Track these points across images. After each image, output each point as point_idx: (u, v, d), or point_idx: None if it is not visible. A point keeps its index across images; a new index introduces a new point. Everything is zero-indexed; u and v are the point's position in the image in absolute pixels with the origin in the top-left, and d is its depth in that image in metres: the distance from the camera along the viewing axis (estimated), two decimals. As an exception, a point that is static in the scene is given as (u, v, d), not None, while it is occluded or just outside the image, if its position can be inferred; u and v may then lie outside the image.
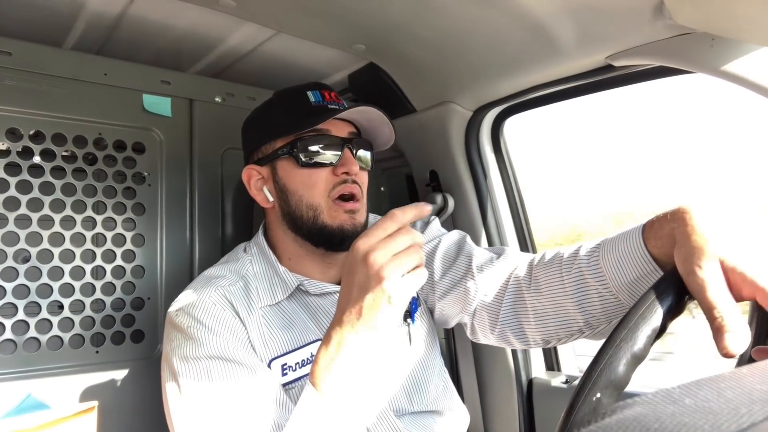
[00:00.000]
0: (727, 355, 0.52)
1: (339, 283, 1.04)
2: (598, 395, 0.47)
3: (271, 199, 1.02)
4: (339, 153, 0.97)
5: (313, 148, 0.96)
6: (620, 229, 0.84)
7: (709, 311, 0.55)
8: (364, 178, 1.03)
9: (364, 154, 1.03)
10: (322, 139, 0.97)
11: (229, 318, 0.91)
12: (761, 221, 0.62)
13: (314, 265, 1.03)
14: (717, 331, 0.53)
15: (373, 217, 1.22)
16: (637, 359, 0.50)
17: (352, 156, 0.99)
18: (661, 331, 0.52)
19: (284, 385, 0.90)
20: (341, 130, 1.00)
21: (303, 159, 0.96)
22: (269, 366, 0.91)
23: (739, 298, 0.56)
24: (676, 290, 0.55)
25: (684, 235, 0.63)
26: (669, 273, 0.60)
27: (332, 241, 0.98)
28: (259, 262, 1.02)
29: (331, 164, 0.97)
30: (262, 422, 0.80)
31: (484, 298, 1.00)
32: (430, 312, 1.12)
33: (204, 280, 0.98)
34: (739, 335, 0.52)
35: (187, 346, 0.87)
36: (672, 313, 0.54)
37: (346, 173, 0.97)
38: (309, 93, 1.01)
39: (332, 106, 1.00)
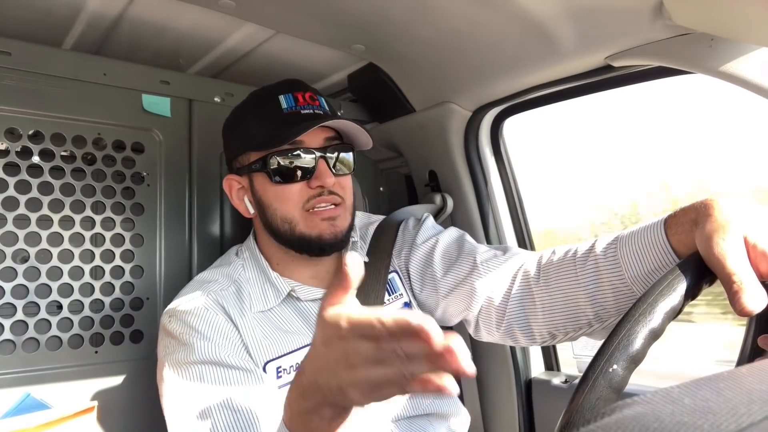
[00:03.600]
0: (743, 313, 0.53)
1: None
2: (615, 366, 0.48)
3: (251, 210, 1.02)
4: (313, 166, 0.95)
5: (286, 163, 0.95)
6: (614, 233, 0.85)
7: (728, 278, 0.55)
8: (344, 182, 1.01)
9: (343, 157, 1.01)
10: (294, 152, 0.95)
11: (222, 323, 0.91)
12: None
13: (303, 270, 1.02)
14: (735, 294, 0.54)
15: (373, 217, 1.22)
16: (654, 335, 0.51)
17: (328, 167, 0.97)
18: (678, 311, 0.53)
19: (279, 387, 0.90)
20: (316, 139, 0.97)
21: (275, 175, 0.95)
22: (264, 369, 0.91)
23: (758, 275, 0.57)
24: (695, 272, 0.56)
25: (706, 216, 0.64)
26: (689, 257, 0.61)
27: (312, 249, 0.97)
28: (251, 268, 1.02)
29: (305, 177, 0.95)
30: (256, 425, 0.80)
31: (491, 294, 0.99)
32: (431, 311, 1.11)
33: (196, 284, 0.98)
34: (757, 295, 0.53)
35: (180, 352, 0.87)
36: (689, 294, 0.54)
37: (321, 186, 0.95)
38: (281, 98, 0.98)
39: (306, 111, 0.97)
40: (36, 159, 1.06)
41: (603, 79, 1.12)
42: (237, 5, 1.04)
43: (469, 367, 0.43)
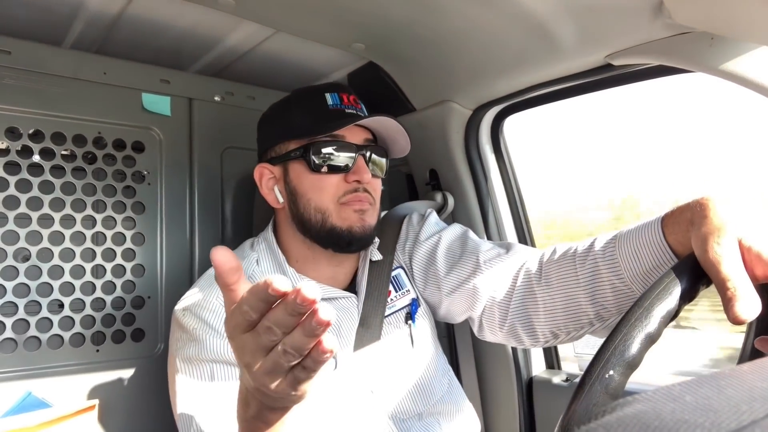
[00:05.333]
0: (737, 321, 0.52)
1: (347, 288, 1.04)
2: (611, 372, 0.48)
3: (281, 200, 1.01)
4: (353, 159, 0.97)
5: (327, 153, 0.96)
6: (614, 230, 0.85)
7: (722, 284, 0.55)
8: (376, 185, 1.02)
9: (379, 160, 1.03)
10: (336, 144, 0.96)
11: None
12: None
13: (323, 268, 1.02)
14: (728, 301, 0.53)
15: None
16: (651, 339, 0.51)
17: (366, 164, 0.98)
18: (674, 314, 0.53)
19: None
20: (357, 137, 0.99)
21: (315, 163, 0.96)
22: None
23: (753, 279, 0.56)
24: (691, 275, 0.56)
25: (702, 217, 0.63)
26: (685, 258, 0.60)
27: (340, 243, 0.97)
28: (267, 261, 1.01)
29: (343, 170, 0.97)
30: None
31: (494, 294, 0.99)
32: (435, 308, 1.11)
33: (210, 278, 0.97)
34: (751, 302, 0.53)
35: (191, 348, 0.87)
36: (686, 297, 0.54)
37: (358, 181, 0.97)
38: (327, 95, 1.00)
39: (350, 111, 1.00)
40: (36, 158, 1.06)
41: (603, 77, 1.12)
42: (237, 4, 1.04)
43: (325, 311, 0.44)
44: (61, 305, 1.05)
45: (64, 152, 1.09)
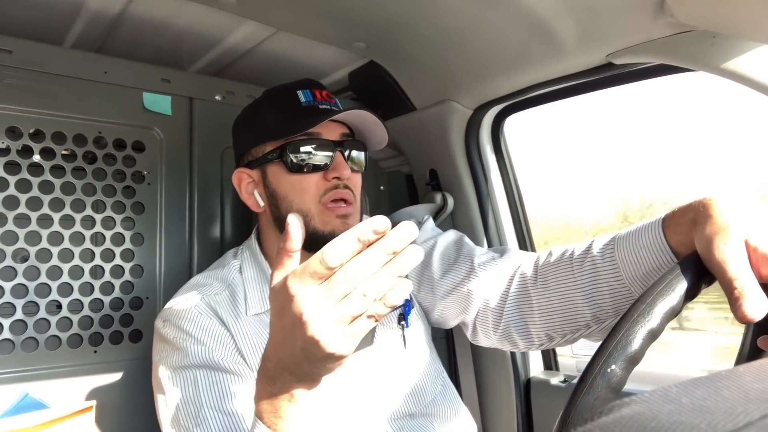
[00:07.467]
0: (744, 320, 0.52)
1: None
2: (613, 367, 0.48)
3: (261, 204, 1.00)
4: (330, 157, 0.95)
5: (304, 152, 0.94)
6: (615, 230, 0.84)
7: (728, 284, 0.54)
8: (356, 181, 1.00)
9: (357, 155, 1.01)
10: (312, 142, 0.94)
11: (215, 327, 0.90)
12: None
13: None
14: (736, 301, 0.53)
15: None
16: (653, 335, 0.51)
17: (344, 160, 0.96)
18: (677, 311, 0.53)
19: None
20: (333, 133, 0.97)
21: (293, 163, 0.94)
22: None
23: (759, 278, 0.56)
24: (694, 273, 0.56)
25: (706, 217, 0.63)
26: (687, 256, 0.60)
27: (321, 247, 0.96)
28: (251, 268, 1.00)
29: (322, 169, 0.95)
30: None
31: (487, 297, 0.99)
32: (428, 312, 1.11)
33: (189, 288, 0.98)
34: (759, 302, 0.52)
35: (174, 356, 0.87)
36: (688, 295, 0.54)
37: (338, 178, 0.95)
38: (299, 92, 0.98)
39: (323, 106, 0.98)
40: (37, 158, 1.06)
41: (604, 76, 1.12)
42: (238, 3, 1.04)
43: (414, 250, 0.50)
44: (59, 306, 1.05)
45: (64, 152, 1.09)
